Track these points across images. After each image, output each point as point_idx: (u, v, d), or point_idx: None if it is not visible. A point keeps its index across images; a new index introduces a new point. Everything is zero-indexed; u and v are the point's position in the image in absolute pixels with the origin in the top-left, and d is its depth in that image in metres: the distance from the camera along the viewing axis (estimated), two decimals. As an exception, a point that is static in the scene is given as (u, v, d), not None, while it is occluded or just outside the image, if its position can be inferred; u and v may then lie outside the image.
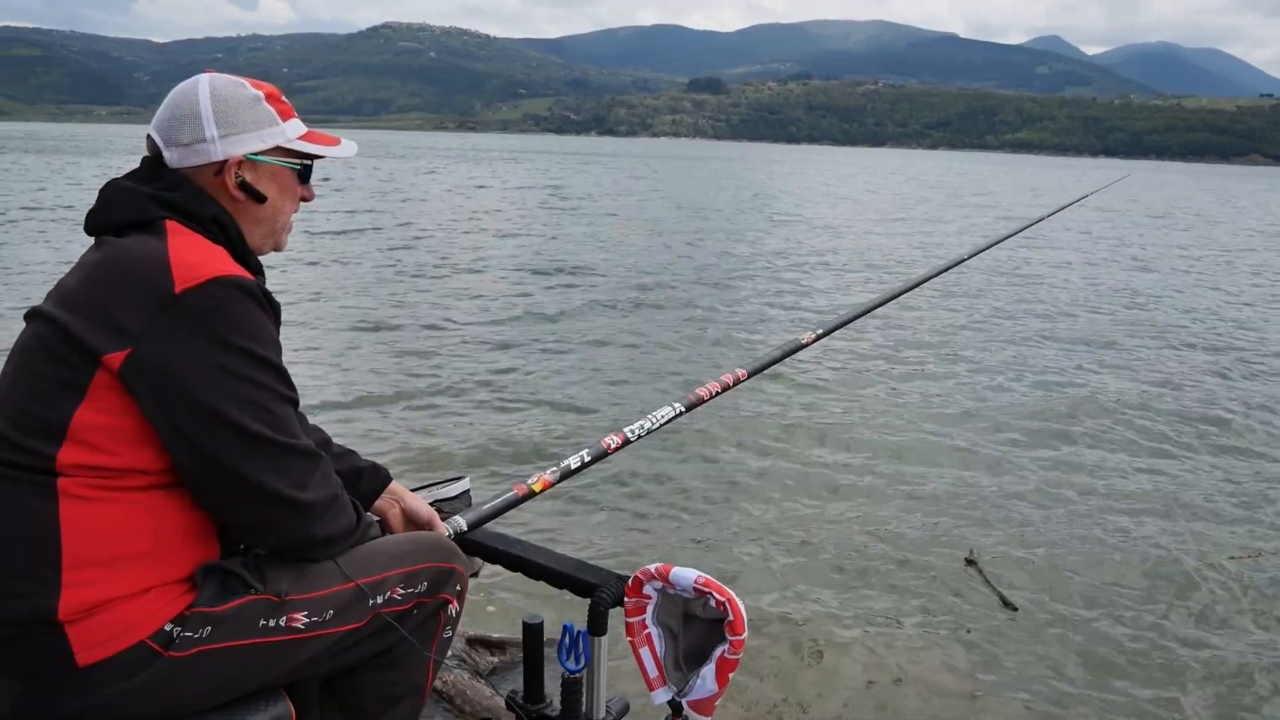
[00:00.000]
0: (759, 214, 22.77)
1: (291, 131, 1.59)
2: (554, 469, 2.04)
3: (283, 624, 1.44)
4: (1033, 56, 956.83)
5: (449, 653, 2.75)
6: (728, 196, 26.49)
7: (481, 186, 30.06)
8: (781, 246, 14.37)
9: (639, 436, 2.19)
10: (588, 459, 2.09)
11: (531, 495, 1.98)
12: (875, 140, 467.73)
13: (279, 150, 1.58)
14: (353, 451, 1.88)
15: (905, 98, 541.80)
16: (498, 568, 1.96)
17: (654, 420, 2.24)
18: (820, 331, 2.95)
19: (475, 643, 2.93)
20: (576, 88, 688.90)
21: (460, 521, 1.86)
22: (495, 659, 2.86)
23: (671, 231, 16.98)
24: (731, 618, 1.51)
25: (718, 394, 2.45)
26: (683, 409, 2.32)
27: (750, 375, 2.57)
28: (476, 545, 1.92)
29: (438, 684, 2.59)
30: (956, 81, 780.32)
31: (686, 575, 1.54)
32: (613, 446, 2.13)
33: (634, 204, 25.16)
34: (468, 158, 61.34)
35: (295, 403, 1.50)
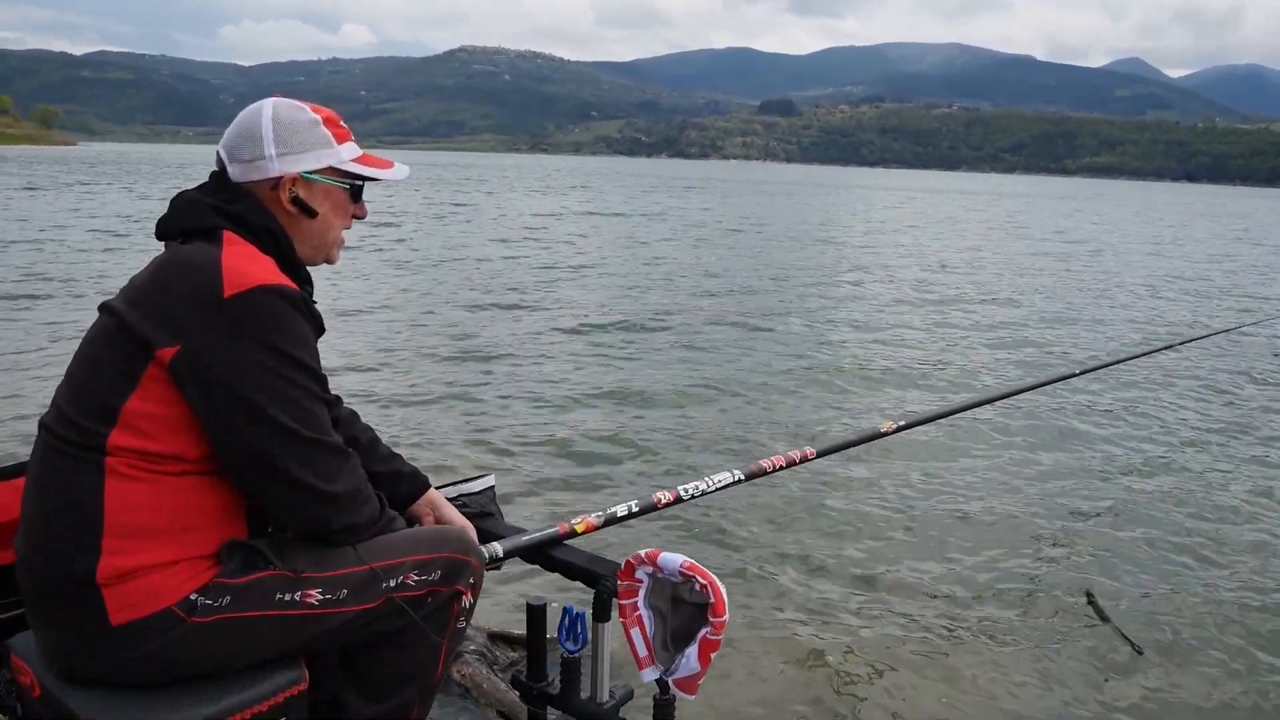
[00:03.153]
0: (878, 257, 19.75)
1: (346, 154, 1.73)
2: (600, 513, 2.09)
3: (298, 599, 1.56)
4: (1112, 79, 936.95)
5: (471, 647, 2.89)
6: (828, 252, 21.85)
7: (558, 214, 29.58)
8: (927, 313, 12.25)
9: (692, 497, 2.20)
10: (635, 509, 2.13)
11: (573, 535, 2.03)
12: (949, 164, 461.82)
13: (332, 170, 1.72)
14: (398, 456, 2.02)
15: (980, 121, 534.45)
16: (516, 559, 2.07)
17: (710, 483, 2.25)
18: (903, 423, 2.89)
19: (497, 639, 3.04)
20: (647, 110, 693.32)
21: (497, 548, 1.93)
22: (516, 654, 2.97)
23: (772, 276, 15.51)
24: (714, 600, 1.60)
25: (781, 468, 2.42)
26: (742, 477, 2.31)
27: (819, 455, 2.55)
28: (491, 535, 2.03)
29: (457, 676, 2.71)
30: (1032, 104, 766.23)
31: (673, 560, 1.64)
32: (663, 501, 2.15)
33: (727, 237, 23.52)
34: (548, 184, 60.64)
35: (328, 402, 1.63)
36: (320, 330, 1.64)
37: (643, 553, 1.70)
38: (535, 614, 1.96)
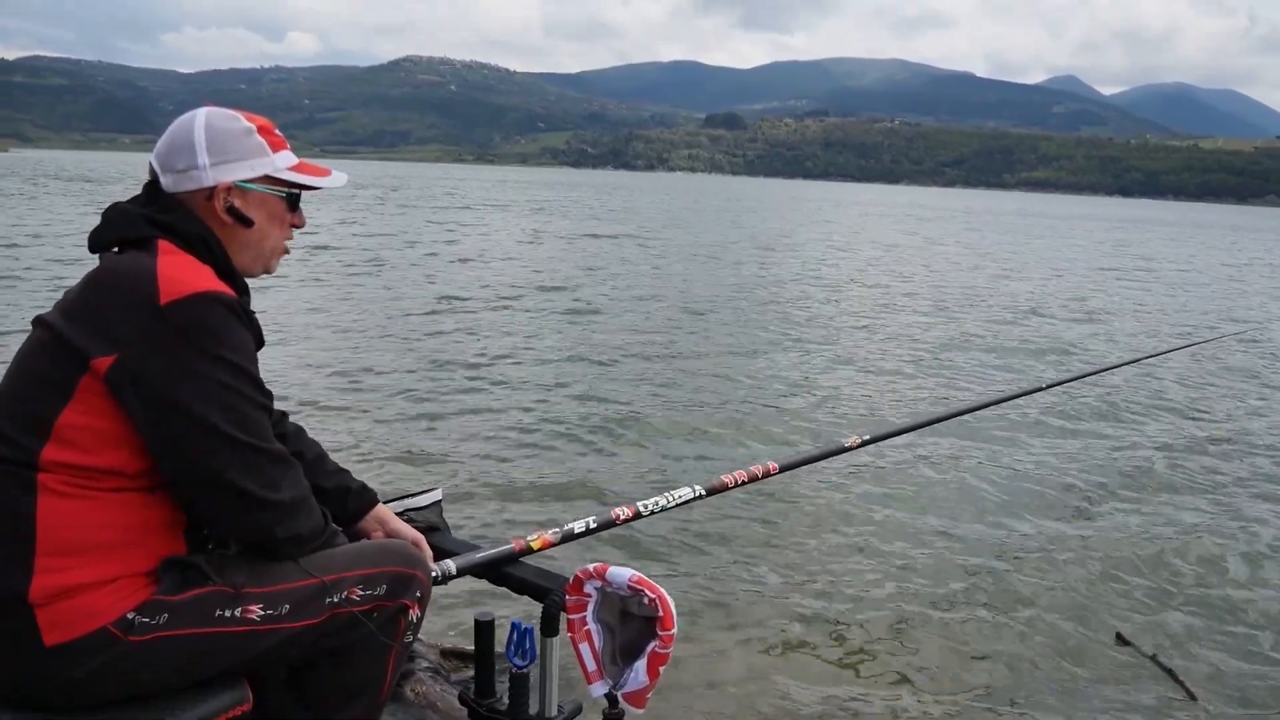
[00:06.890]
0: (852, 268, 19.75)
1: (281, 162, 1.71)
2: (556, 530, 2.06)
3: (238, 615, 1.54)
4: (1048, 96, 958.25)
5: (424, 664, 2.86)
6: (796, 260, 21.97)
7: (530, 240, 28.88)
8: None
9: (651, 513, 2.17)
10: (593, 525, 2.09)
11: (529, 552, 2.01)
12: (891, 178, 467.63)
13: (267, 179, 1.70)
14: (345, 471, 2.00)
15: (921, 135, 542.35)
16: (467, 578, 2.05)
17: (670, 499, 2.21)
18: (867, 437, 2.86)
19: (450, 654, 3.01)
20: (594, 121, 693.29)
21: (451, 565, 1.91)
22: (470, 670, 2.94)
23: (735, 293, 14.82)
24: (662, 614, 1.61)
25: (743, 483, 2.39)
26: (703, 492, 2.28)
27: (781, 470, 2.51)
28: (444, 552, 2.02)
29: (409, 693, 2.68)
30: (972, 120, 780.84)
31: (621, 574, 1.65)
32: (621, 518, 2.12)
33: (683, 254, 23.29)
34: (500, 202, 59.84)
35: (269, 410, 1.62)
36: (259, 341, 1.62)
37: (591, 567, 1.70)
38: (483, 630, 1.95)
